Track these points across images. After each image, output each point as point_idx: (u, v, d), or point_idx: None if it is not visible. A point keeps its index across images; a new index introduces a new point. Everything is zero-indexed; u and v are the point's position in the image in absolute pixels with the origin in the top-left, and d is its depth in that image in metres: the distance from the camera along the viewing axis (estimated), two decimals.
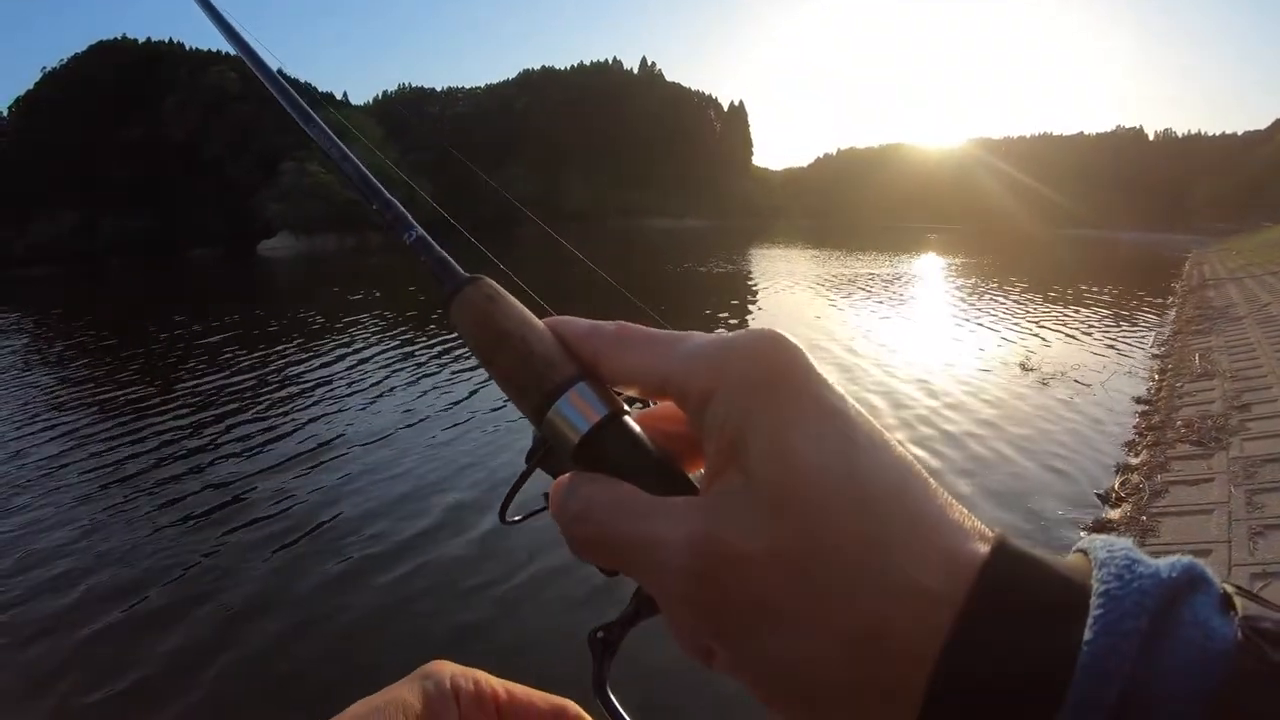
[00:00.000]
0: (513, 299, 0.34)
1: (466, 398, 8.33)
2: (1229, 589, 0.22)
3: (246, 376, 10.37)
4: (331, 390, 9.33)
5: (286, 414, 8.26)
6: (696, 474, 0.30)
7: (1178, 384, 7.46)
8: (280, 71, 0.48)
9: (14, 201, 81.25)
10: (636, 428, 0.31)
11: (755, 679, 0.25)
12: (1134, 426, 6.59)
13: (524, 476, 0.35)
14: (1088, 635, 0.21)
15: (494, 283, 0.35)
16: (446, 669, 0.35)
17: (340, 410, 8.27)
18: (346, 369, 10.54)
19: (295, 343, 13.06)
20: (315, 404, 8.66)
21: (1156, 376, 8.36)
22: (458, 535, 4.89)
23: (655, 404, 0.33)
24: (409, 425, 7.46)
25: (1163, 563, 0.23)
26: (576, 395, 0.30)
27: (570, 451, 0.30)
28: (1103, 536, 0.25)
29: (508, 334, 0.32)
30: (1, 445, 7.51)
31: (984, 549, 0.23)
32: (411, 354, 11.26)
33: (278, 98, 0.46)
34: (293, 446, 6.98)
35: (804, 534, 0.24)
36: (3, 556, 4.89)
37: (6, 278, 52.27)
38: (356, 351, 11.79)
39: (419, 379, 9.54)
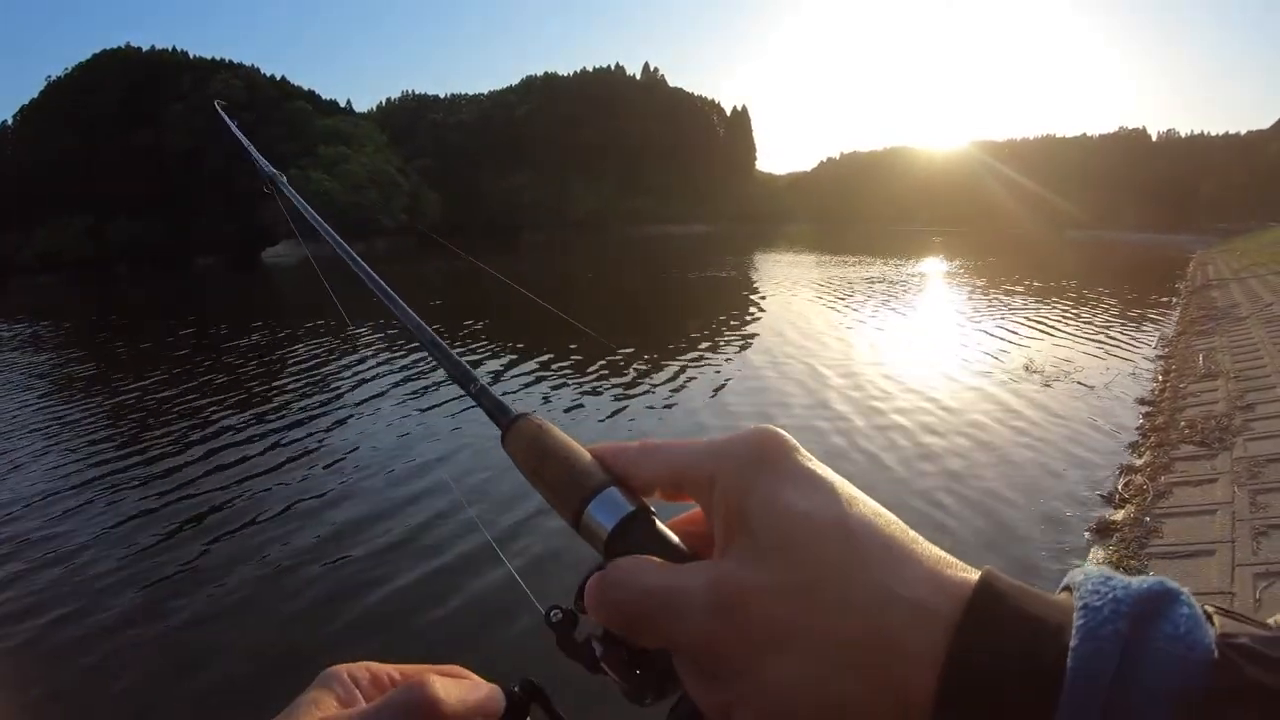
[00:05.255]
0: (557, 429, 0.41)
1: None
2: (1209, 609, 0.24)
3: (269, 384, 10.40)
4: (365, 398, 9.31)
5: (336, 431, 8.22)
6: None
7: (1181, 385, 7.46)
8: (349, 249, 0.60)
9: (21, 209, 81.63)
10: (660, 524, 0.36)
11: (777, 712, 0.28)
12: (1137, 427, 6.59)
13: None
14: (1073, 641, 0.23)
15: (540, 417, 0.42)
16: (341, 668, 0.39)
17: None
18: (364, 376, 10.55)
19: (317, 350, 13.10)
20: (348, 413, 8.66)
21: (1160, 377, 8.36)
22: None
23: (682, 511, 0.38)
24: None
25: (1135, 579, 0.25)
26: (608, 497, 0.36)
27: (603, 545, 0.35)
28: (1082, 568, 0.28)
29: (553, 451, 0.39)
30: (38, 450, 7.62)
31: (969, 576, 0.27)
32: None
33: (360, 275, 0.54)
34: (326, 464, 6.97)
35: (801, 565, 0.28)
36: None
37: (16, 285, 52.56)
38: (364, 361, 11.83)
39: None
